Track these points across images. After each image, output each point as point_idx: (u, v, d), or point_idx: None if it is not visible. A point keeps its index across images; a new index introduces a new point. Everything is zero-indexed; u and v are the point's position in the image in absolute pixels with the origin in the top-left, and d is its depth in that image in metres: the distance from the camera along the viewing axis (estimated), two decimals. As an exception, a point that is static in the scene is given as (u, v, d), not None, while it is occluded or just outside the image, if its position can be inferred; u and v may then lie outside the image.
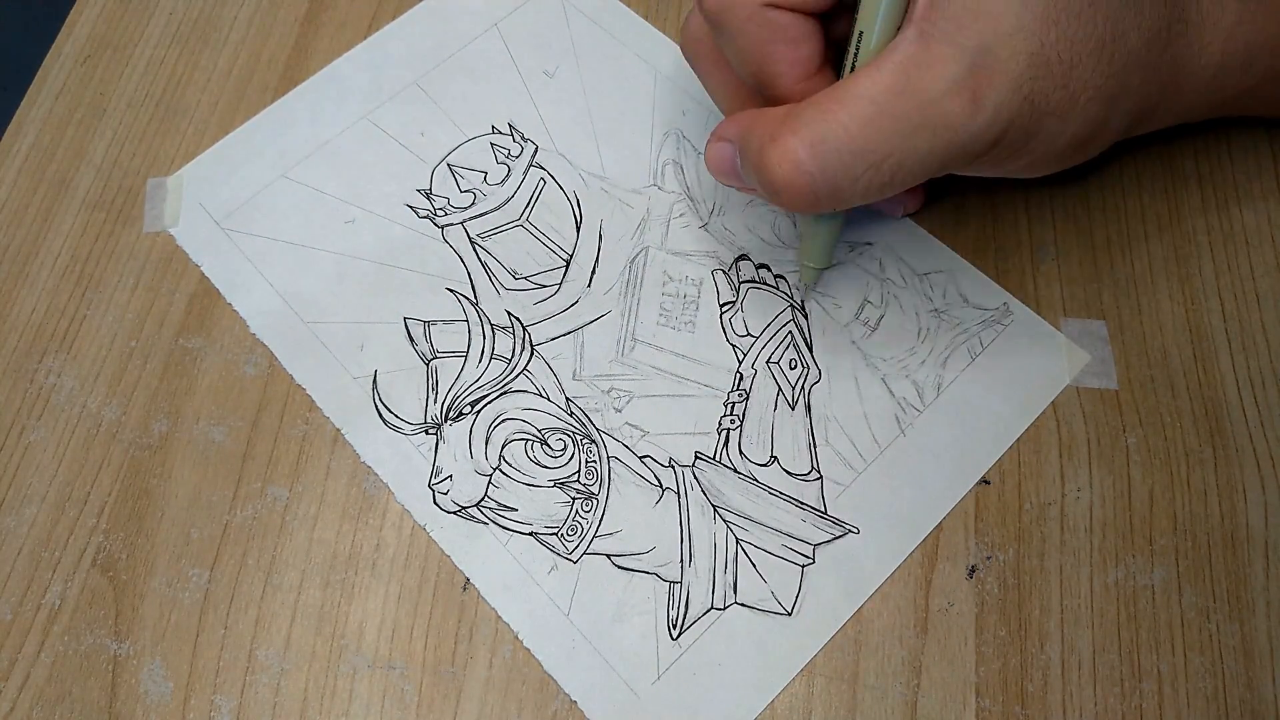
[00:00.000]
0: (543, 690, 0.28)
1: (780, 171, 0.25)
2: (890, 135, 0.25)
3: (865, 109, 0.25)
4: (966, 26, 0.25)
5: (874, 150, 0.25)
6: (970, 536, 0.29)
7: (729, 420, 0.31)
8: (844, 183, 0.25)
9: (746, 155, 0.27)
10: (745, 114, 0.28)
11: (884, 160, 0.25)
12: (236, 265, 0.35)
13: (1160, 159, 0.35)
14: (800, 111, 0.25)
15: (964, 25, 0.25)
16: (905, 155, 0.25)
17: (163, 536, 0.31)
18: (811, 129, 0.25)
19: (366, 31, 0.40)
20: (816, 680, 0.28)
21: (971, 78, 0.25)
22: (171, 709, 0.28)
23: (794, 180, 0.25)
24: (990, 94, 0.25)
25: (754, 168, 0.27)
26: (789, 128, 0.25)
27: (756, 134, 0.27)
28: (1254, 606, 0.28)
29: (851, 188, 0.26)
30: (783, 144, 0.25)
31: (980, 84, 0.25)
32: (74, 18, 0.41)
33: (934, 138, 0.25)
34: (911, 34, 0.25)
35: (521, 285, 0.34)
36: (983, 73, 0.25)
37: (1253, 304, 0.32)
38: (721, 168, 0.29)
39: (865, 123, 0.25)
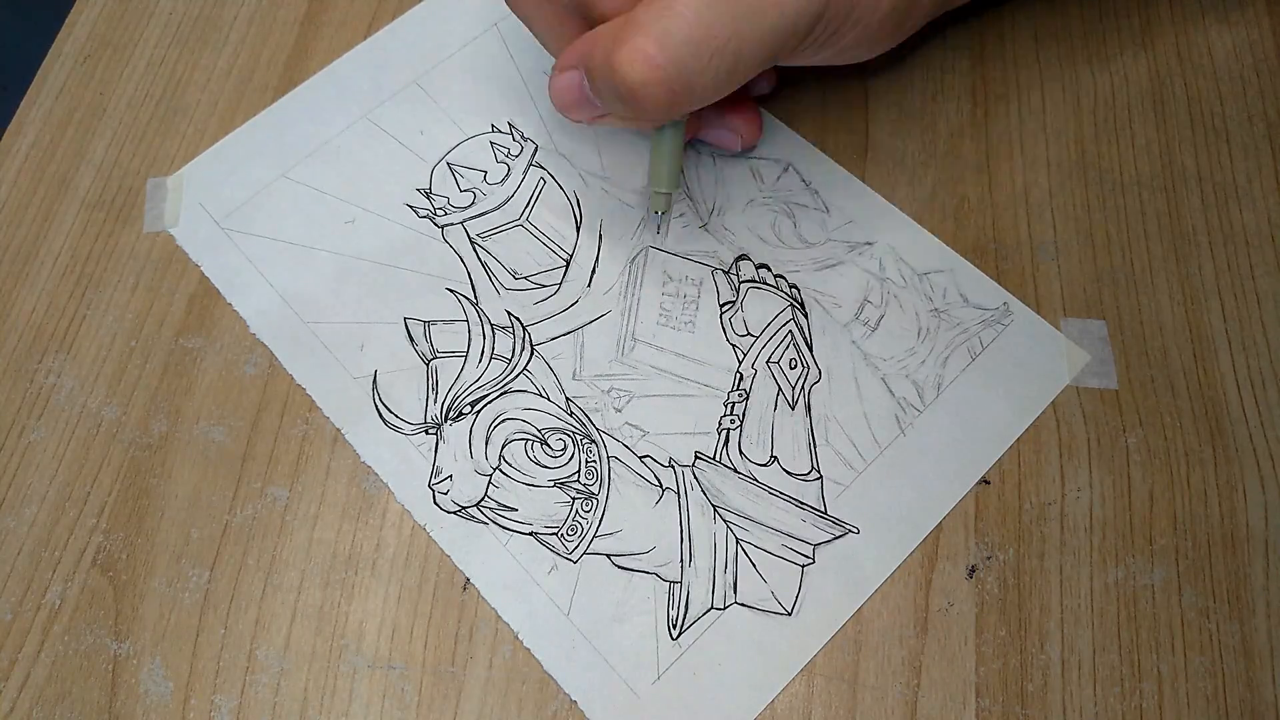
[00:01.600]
0: (543, 690, 0.28)
1: (634, 70, 0.26)
2: (727, 19, 0.26)
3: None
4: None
5: (716, 35, 0.26)
6: (970, 536, 0.29)
7: (729, 420, 0.31)
8: (694, 73, 0.27)
9: (594, 72, 0.28)
10: (583, 39, 0.29)
11: (726, 44, 0.26)
12: (236, 265, 0.35)
13: (1160, 158, 0.35)
14: (638, 14, 0.27)
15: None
16: (744, 38, 0.27)
17: (163, 536, 0.31)
18: (655, 25, 0.26)
19: (366, 31, 0.40)
20: (816, 680, 0.28)
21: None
22: (171, 709, 0.28)
23: (648, 76, 0.26)
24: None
25: (605, 79, 0.27)
26: (631, 29, 0.26)
27: (600, 48, 0.27)
28: (1254, 606, 0.28)
29: (702, 78, 0.27)
30: (630, 44, 0.26)
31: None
32: (74, 18, 0.41)
33: (765, 17, 0.27)
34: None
35: (521, 285, 0.34)
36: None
37: (1253, 304, 0.32)
38: (568, 98, 0.30)
39: (701, 10, 0.26)
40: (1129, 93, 0.36)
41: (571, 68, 0.29)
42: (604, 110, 0.29)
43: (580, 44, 0.29)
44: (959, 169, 0.35)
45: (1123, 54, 0.36)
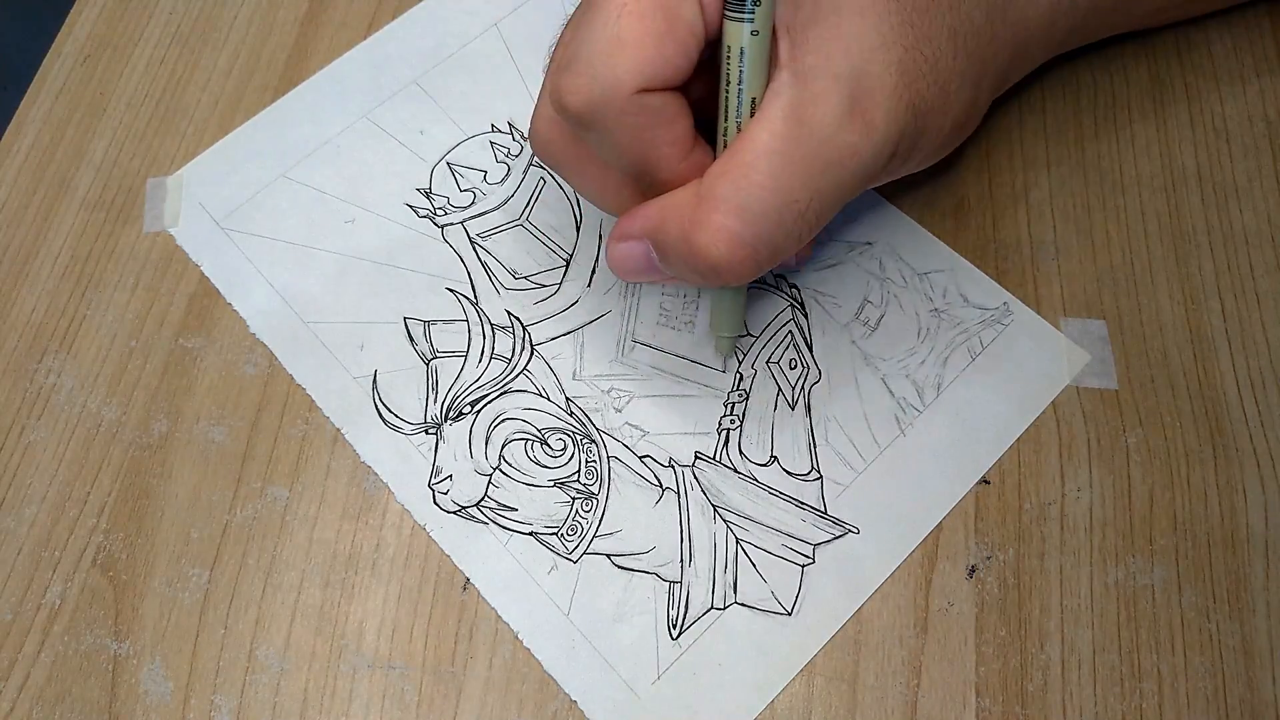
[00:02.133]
0: (543, 690, 0.28)
1: (719, 251, 0.25)
2: (804, 179, 0.25)
3: (773, 163, 0.24)
4: (833, 56, 0.25)
5: (796, 199, 0.25)
6: (970, 536, 0.29)
7: (729, 420, 0.31)
8: (779, 238, 0.25)
9: (668, 248, 0.26)
10: (646, 208, 0.27)
11: (807, 205, 0.25)
12: (236, 265, 0.35)
13: (1160, 158, 0.35)
14: (713, 186, 0.25)
15: (831, 55, 0.25)
16: (823, 193, 0.25)
17: (163, 536, 0.31)
18: (733, 200, 0.25)
19: (366, 31, 0.40)
20: (816, 680, 0.28)
21: (856, 103, 0.25)
22: (171, 709, 0.28)
23: (735, 255, 0.25)
24: (878, 113, 0.25)
25: (683, 258, 0.26)
26: (709, 207, 0.25)
27: (672, 225, 0.26)
28: (1254, 606, 0.28)
29: (786, 240, 0.25)
30: (710, 224, 0.25)
31: (866, 106, 0.25)
32: (74, 18, 0.41)
33: (842, 169, 0.25)
34: (785, 77, 0.25)
35: (521, 285, 0.34)
36: (864, 95, 0.25)
37: (1253, 304, 0.32)
38: (637, 268, 0.28)
39: (779, 175, 0.25)
40: (1129, 93, 0.36)
41: (636, 239, 0.27)
42: (672, 277, 0.28)
43: (646, 215, 0.27)
44: (959, 169, 0.35)
45: (1123, 54, 0.36)
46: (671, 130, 0.25)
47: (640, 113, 0.25)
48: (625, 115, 0.25)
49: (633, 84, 0.24)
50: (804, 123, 0.25)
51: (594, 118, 0.25)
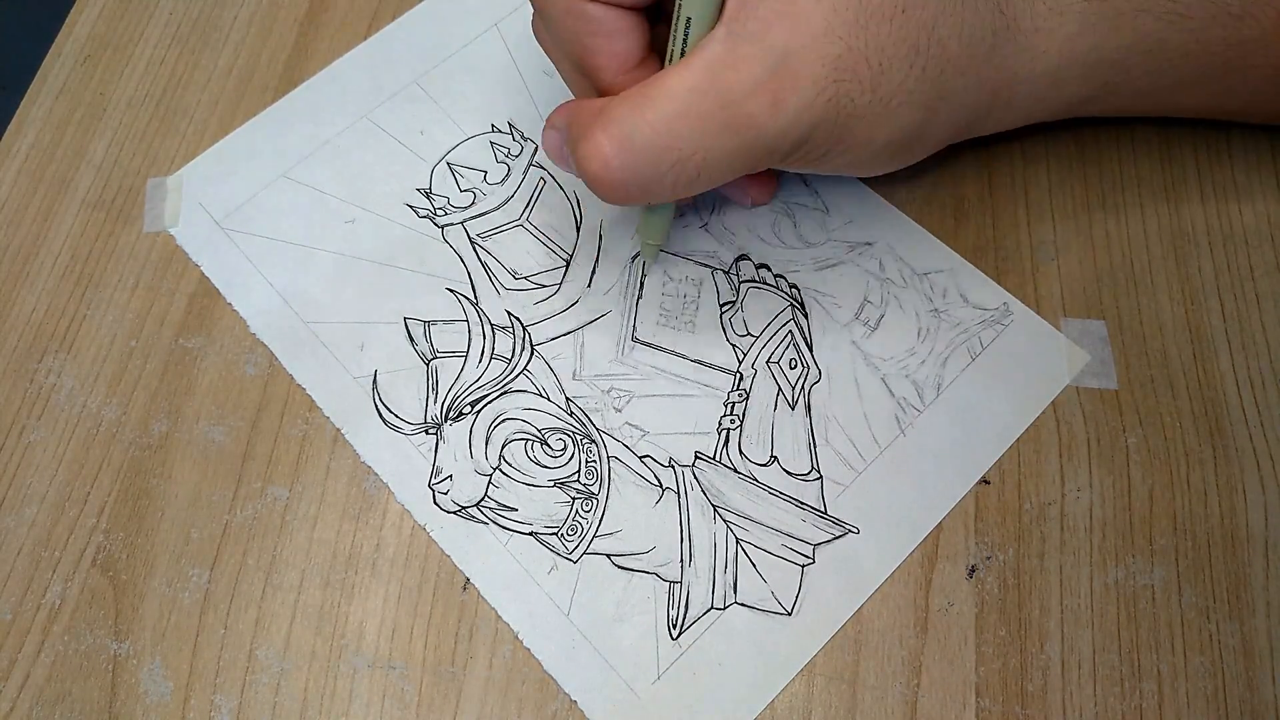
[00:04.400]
0: (543, 690, 0.28)
1: (590, 166, 0.26)
2: (694, 134, 0.25)
3: (671, 107, 0.25)
4: (773, 27, 0.25)
5: (678, 148, 0.25)
6: (970, 536, 0.29)
7: (729, 420, 0.31)
8: (650, 180, 0.26)
9: (568, 145, 0.28)
10: (571, 103, 0.29)
11: (689, 158, 0.25)
12: (236, 265, 0.35)
13: (1160, 158, 0.35)
14: (611, 108, 0.26)
15: (771, 26, 0.25)
16: (709, 153, 0.25)
17: (163, 536, 0.31)
18: (619, 125, 0.25)
19: (366, 31, 0.40)
20: (816, 680, 0.28)
21: (773, 79, 0.25)
22: (171, 709, 0.28)
23: (602, 176, 0.26)
24: (791, 96, 0.25)
25: (573, 159, 0.27)
26: (600, 123, 0.26)
27: (574, 126, 0.27)
28: (1254, 606, 0.28)
29: (659, 184, 0.26)
30: (593, 140, 0.26)
31: (782, 86, 0.25)
32: (74, 18, 0.41)
33: (737, 137, 0.25)
34: (720, 33, 0.25)
35: (521, 285, 0.34)
36: (785, 75, 0.25)
37: (1253, 304, 0.32)
38: (553, 153, 0.29)
39: (670, 121, 0.25)
40: (1129, 93, 0.36)
41: (555, 128, 0.29)
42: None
43: (568, 108, 0.28)
44: (959, 169, 0.35)
45: (1123, 54, 0.36)
46: (610, 43, 0.27)
47: (579, 18, 0.27)
48: (566, 16, 0.27)
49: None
50: (715, 80, 0.25)
51: (542, 10, 0.28)
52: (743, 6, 0.25)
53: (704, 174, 0.26)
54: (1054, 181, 0.35)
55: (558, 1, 0.27)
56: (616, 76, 0.28)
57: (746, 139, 0.25)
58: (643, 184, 0.26)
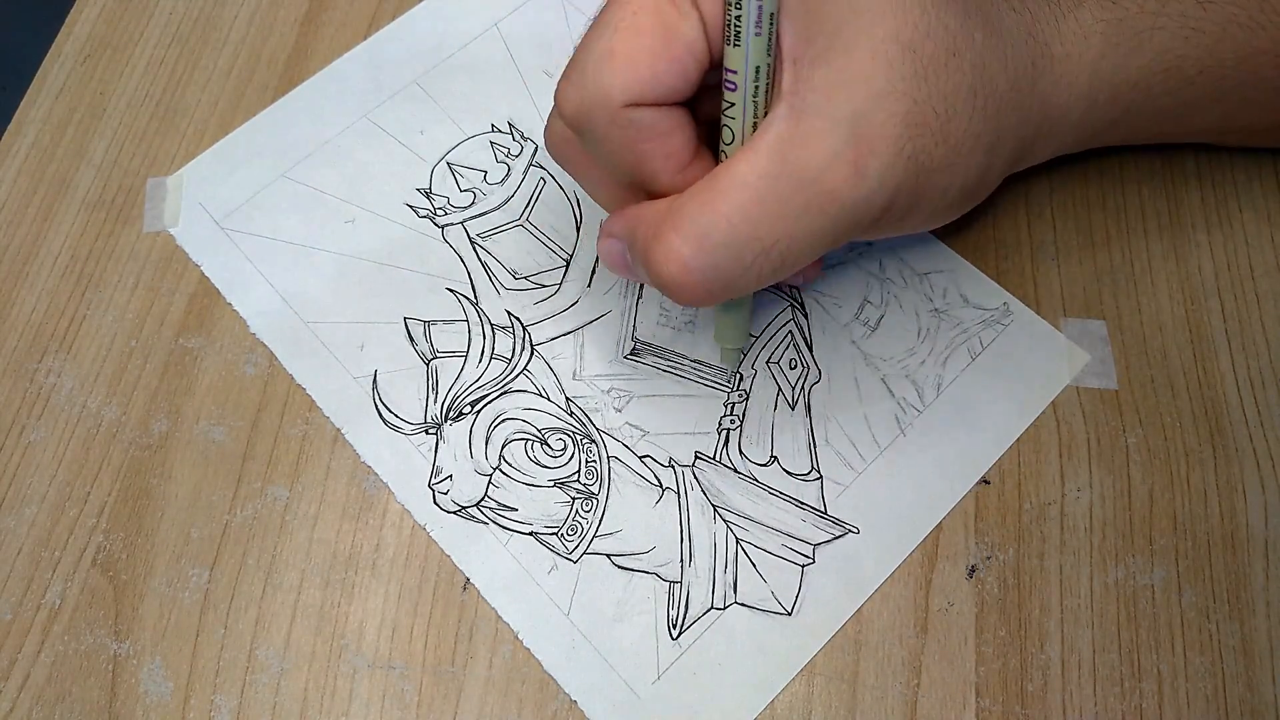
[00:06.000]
0: (543, 690, 0.28)
1: (668, 270, 0.24)
2: (775, 220, 0.24)
3: (745, 196, 0.24)
4: (836, 96, 0.24)
5: (760, 238, 0.24)
6: (970, 536, 0.29)
7: (729, 420, 0.31)
8: (735, 274, 0.24)
9: (634, 254, 0.26)
10: (629, 210, 0.27)
11: (773, 246, 0.24)
12: (236, 265, 0.35)
13: (1160, 159, 0.35)
14: (681, 206, 0.24)
15: (833, 95, 0.24)
16: (793, 239, 0.24)
17: (163, 536, 0.31)
18: (694, 224, 0.24)
19: (366, 31, 0.40)
20: (816, 680, 0.28)
21: (850, 148, 0.24)
22: (171, 709, 0.28)
23: (683, 279, 0.24)
24: (872, 161, 0.24)
25: (643, 267, 0.26)
26: (671, 224, 0.24)
27: (641, 232, 0.25)
28: (1254, 606, 0.28)
29: (744, 277, 0.25)
30: (666, 243, 0.24)
31: (860, 153, 0.24)
32: (74, 18, 0.41)
33: (822, 215, 0.24)
34: (782, 110, 0.24)
35: (521, 285, 0.34)
36: (861, 141, 0.24)
37: (1253, 304, 0.32)
38: (615, 263, 0.28)
39: (747, 211, 0.24)
40: (1129, 93, 0.36)
41: (616, 237, 0.27)
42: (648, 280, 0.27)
43: (627, 216, 0.27)
44: (959, 169, 0.35)
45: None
46: (663, 144, 0.25)
47: (629, 126, 0.24)
48: (613, 127, 0.25)
49: (621, 98, 0.24)
50: (789, 161, 0.24)
51: (584, 126, 0.25)
52: (798, 79, 0.24)
53: (788, 261, 0.25)
54: (1054, 181, 0.35)
55: (601, 115, 0.24)
56: (674, 177, 0.26)
57: (829, 216, 0.24)
58: (725, 281, 0.24)
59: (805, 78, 0.24)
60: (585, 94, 0.24)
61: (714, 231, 0.24)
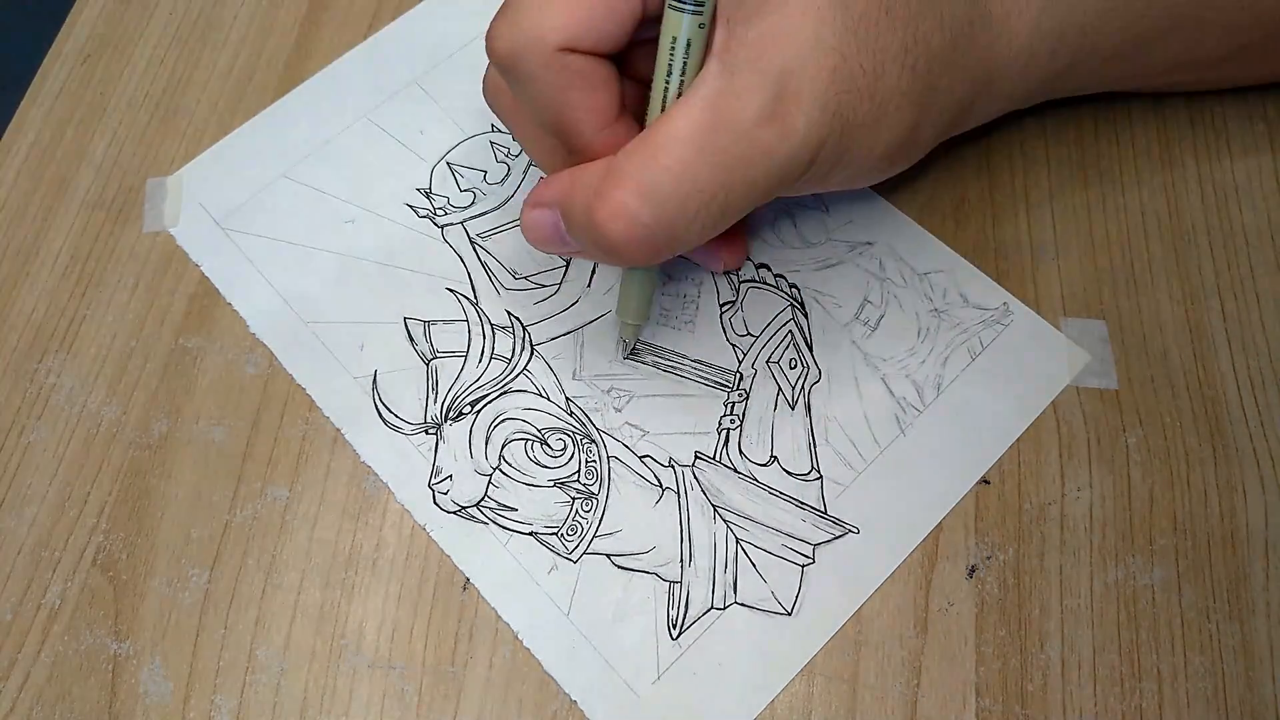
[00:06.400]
0: (543, 690, 0.28)
1: (615, 227, 0.24)
2: (714, 171, 0.24)
3: (685, 149, 0.24)
4: (766, 52, 0.24)
5: (702, 189, 0.24)
6: (970, 536, 0.29)
7: (729, 420, 0.31)
8: (680, 226, 0.25)
9: (572, 219, 0.26)
10: (559, 176, 0.27)
11: (713, 197, 0.24)
12: (236, 265, 0.35)
13: (1160, 158, 0.35)
14: (621, 163, 0.25)
15: (763, 51, 0.24)
16: (731, 188, 0.25)
17: (163, 536, 0.31)
18: (637, 178, 0.24)
19: (366, 31, 0.40)
20: (816, 680, 0.28)
21: (778, 103, 0.24)
22: (171, 709, 0.28)
23: (631, 234, 0.24)
24: (799, 116, 0.24)
25: (583, 229, 0.25)
26: (613, 181, 0.24)
27: (579, 196, 0.25)
28: (1254, 606, 0.28)
29: (688, 229, 0.25)
30: (611, 199, 0.24)
31: (788, 107, 0.24)
32: (74, 18, 0.41)
33: (754, 167, 0.24)
34: (715, 67, 0.24)
35: (521, 285, 0.34)
36: (789, 96, 0.24)
37: (1253, 304, 0.32)
38: (543, 235, 0.28)
39: (688, 163, 0.24)
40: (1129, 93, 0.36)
41: (546, 206, 0.27)
42: (579, 250, 0.27)
43: (559, 181, 0.27)
44: (959, 169, 0.35)
45: (1123, 54, 0.36)
46: (591, 96, 0.25)
47: (560, 70, 0.25)
48: (544, 70, 0.25)
49: (554, 40, 0.24)
50: (722, 114, 0.24)
51: (514, 67, 0.25)
52: (730, 36, 0.24)
53: (727, 212, 0.25)
54: (1054, 182, 0.35)
55: (533, 57, 0.25)
56: (596, 133, 0.26)
57: (762, 167, 0.25)
58: (672, 234, 0.25)
59: (738, 35, 0.24)
60: (519, 33, 0.25)
61: (658, 184, 0.24)
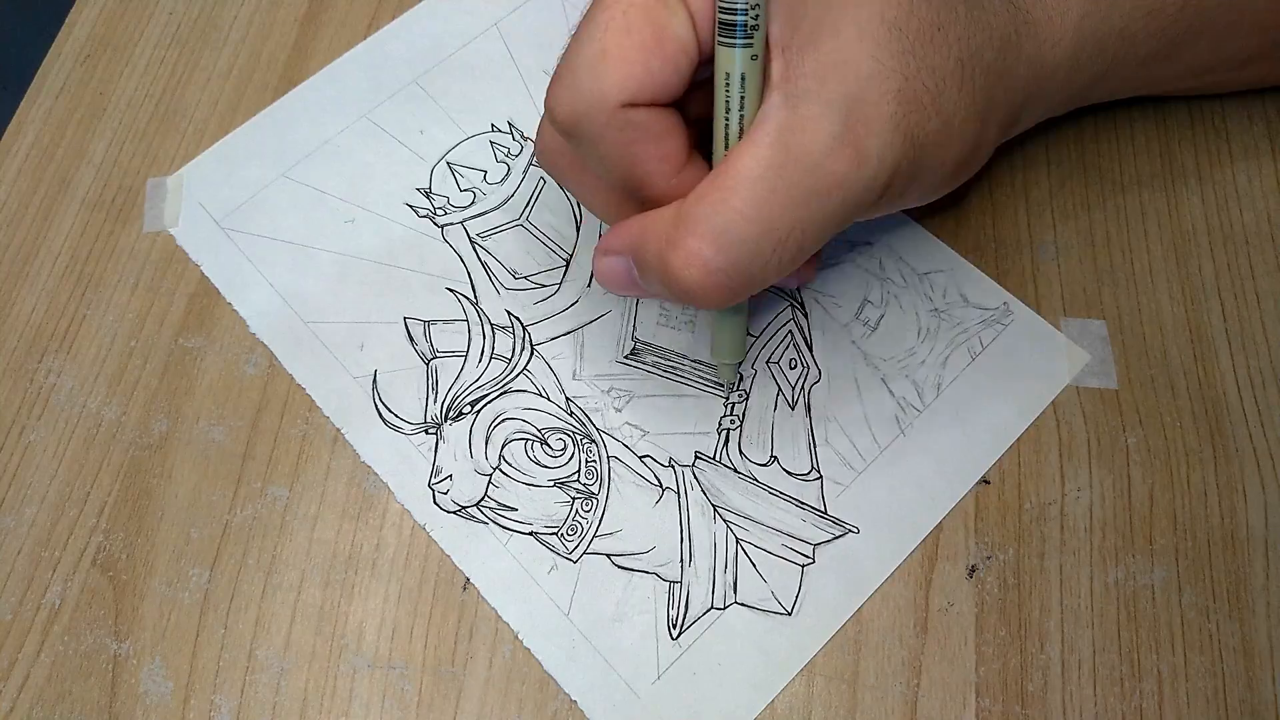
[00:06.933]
0: (543, 690, 0.28)
1: (690, 275, 0.24)
2: (787, 208, 0.24)
3: (755, 189, 0.24)
4: (828, 80, 0.24)
5: (776, 228, 0.24)
6: (970, 536, 0.29)
7: (729, 420, 0.31)
8: (755, 268, 0.24)
9: (645, 266, 0.26)
10: (629, 224, 0.26)
11: (788, 235, 0.24)
12: (236, 265, 0.35)
13: (1160, 158, 0.35)
14: (691, 209, 0.24)
15: (825, 79, 0.24)
16: (806, 224, 0.24)
17: (163, 536, 0.31)
18: (709, 224, 0.24)
19: (366, 31, 0.40)
20: (816, 680, 0.28)
21: (848, 131, 0.24)
22: (171, 709, 0.28)
23: (706, 281, 0.24)
24: (871, 141, 0.24)
25: (658, 277, 0.25)
26: (685, 229, 0.24)
27: (651, 244, 0.25)
28: (1254, 606, 0.28)
29: (764, 270, 0.25)
30: (684, 248, 0.24)
31: (859, 135, 0.24)
32: (74, 18, 0.41)
33: (828, 199, 0.24)
34: (776, 99, 0.24)
35: (521, 285, 0.34)
36: (858, 123, 0.24)
37: (1253, 304, 0.32)
38: (618, 282, 0.27)
39: (760, 203, 0.24)
40: (1129, 93, 0.36)
41: (619, 254, 0.27)
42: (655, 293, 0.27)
43: (629, 230, 0.26)
44: (959, 169, 0.35)
45: (1123, 54, 0.36)
46: (659, 146, 0.25)
47: (624, 127, 0.24)
48: (609, 129, 0.24)
49: (616, 98, 0.24)
50: (791, 149, 0.24)
51: (578, 130, 0.25)
52: (788, 66, 0.24)
53: (804, 248, 0.25)
54: (1054, 181, 0.35)
55: (597, 117, 0.24)
56: (669, 181, 0.25)
57: (836, 199, 0.24)
58: (747, 277, 0.24)
59: (795, 65, 0.24)
60: (579, 96, 0.24)
61: (731, 228, 0.24)
